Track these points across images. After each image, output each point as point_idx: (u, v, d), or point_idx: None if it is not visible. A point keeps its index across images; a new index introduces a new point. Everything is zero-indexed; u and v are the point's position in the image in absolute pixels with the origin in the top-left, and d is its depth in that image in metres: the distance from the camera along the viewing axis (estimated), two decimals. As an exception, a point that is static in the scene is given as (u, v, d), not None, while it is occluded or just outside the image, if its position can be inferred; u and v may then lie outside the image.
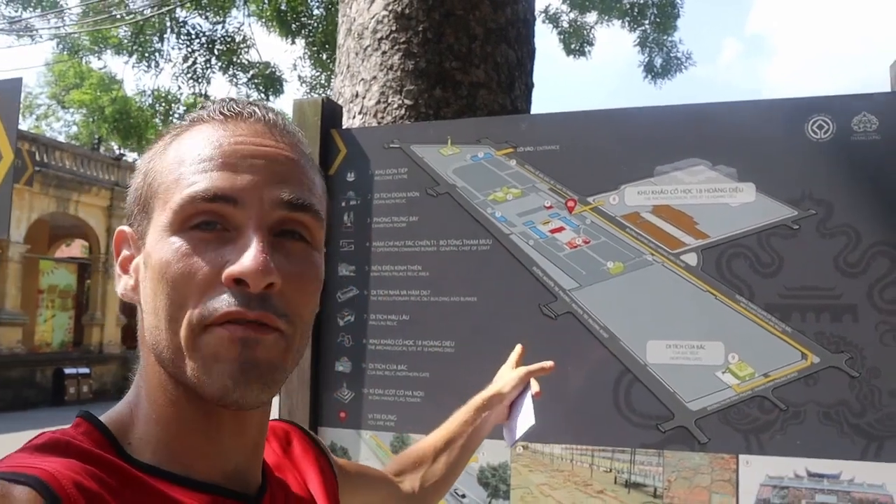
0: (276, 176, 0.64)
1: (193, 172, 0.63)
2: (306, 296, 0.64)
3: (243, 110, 0.67)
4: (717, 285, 1.26)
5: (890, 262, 1.20)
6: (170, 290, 0.61)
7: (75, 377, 17.27)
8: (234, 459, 0.67)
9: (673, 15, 10.11)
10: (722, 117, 1.31)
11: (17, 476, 0.53)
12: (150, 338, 0.64)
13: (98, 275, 19.25)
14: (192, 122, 0.68)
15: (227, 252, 0.61)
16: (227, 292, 0.60)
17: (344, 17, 2.48)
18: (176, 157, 0.65)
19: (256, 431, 0.69)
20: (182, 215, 0.62)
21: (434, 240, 1.43)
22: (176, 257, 0.61)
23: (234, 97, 0.71)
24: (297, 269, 0.63)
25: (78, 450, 0.59)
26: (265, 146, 0.65)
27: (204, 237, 0.61)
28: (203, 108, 0.68)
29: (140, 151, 16.83)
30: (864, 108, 1.25)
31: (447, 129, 1.49)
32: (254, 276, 0.59)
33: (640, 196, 1.33)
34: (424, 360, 1.41)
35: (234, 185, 0.62)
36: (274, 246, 0.62)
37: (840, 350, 1.20)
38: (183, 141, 0.66)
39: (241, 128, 0.66)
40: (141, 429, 0.65)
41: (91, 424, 0.64)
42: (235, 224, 0.62)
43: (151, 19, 9.97)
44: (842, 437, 1.18)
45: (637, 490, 1.26)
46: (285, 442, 0.84)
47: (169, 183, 0.64)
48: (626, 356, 1.28)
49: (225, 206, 0.61)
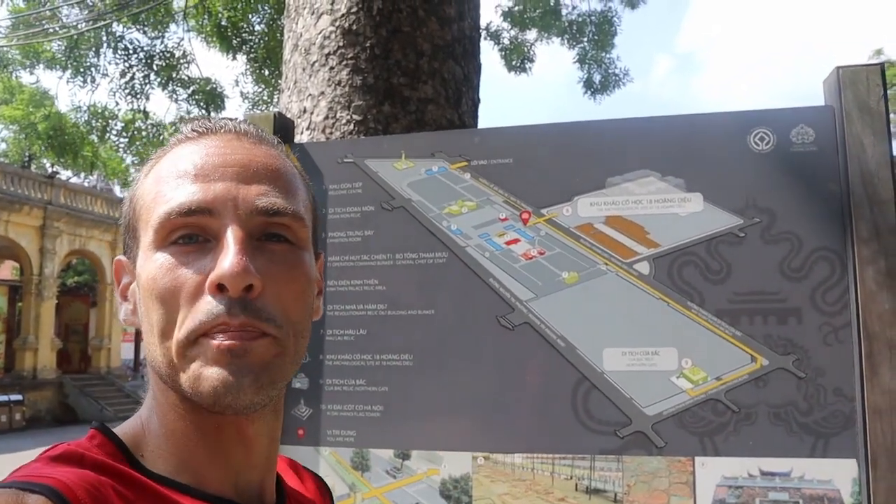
0: (250, 180, 0.65)
1: (169, 189, 0.64)
2: (293, 295, 0.64)
3: (214, 125, 0.69)
4: (669, 293, 1.30)
5: (830, 267, 1.26)
6: (159, 305, 0.62)
7: (7, 404, 16.60)
8: (246, 472, 0.67)
9: (610, 33, 10.37)
10: (670, 130, 1.35)
11: (31, 485, 0.53)
12: (149, 355, 0.65)
13: (31, 297, 18.57)
14: (170, 146, 0.69)
15: (208, 262, 0.61)
16: (210, 300, 0.60)
17: (290, 33, 2.47)
18: (155, 178, 0.67)
19: (266, 444, 0.69)
20: (162, 232, 0.63)
21: (390, 254, 1.43)
22: (161, 272, 0.62)
23: (206, 117, 0.72)
24: (282, 269, 0.64)
25: (92, 461, 0.60)
26: (236, 153, 0.66)
27: (186, 250, 0.62)
28: (179, 131, 0.70)
29: (75, 169, 16.32)
30: (801, 121, 1.31)
31: (401, 143, 1.50)
32: (231, 278, 0.59)
33: (593, 207, 1.36)
34: (383, 375, 1.40)
35: (208, 195, 0.63)
36: (257, 249, 0.63)
37: (787, 352, 1.25)
38: (161, 163, 0.68)
39: (212, 140, 0.67)
40: (152, 441, 0.65)
41: (105, 437, 0.64)
42: (214, 233, 0.62)
43: (86, 34, 9.72)
44: (791, 436, 1.23)
45: (597, 496, 1.28)
46: (300, 477, 0.84)
47: (149, 203, 0.65)
48: (584, 364, 1.31)
49: (201, 217, 0.62)
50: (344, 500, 1.39)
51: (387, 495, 1.37)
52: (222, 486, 0.65)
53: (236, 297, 0.59)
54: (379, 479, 1.38)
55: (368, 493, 1.38)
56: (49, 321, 19.05)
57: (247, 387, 0.60)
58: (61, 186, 19.88)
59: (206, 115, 9.89)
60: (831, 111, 1.29)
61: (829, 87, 1.32)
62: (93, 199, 21.44)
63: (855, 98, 1.27)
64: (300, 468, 0.86)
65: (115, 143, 11.11)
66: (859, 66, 1.29)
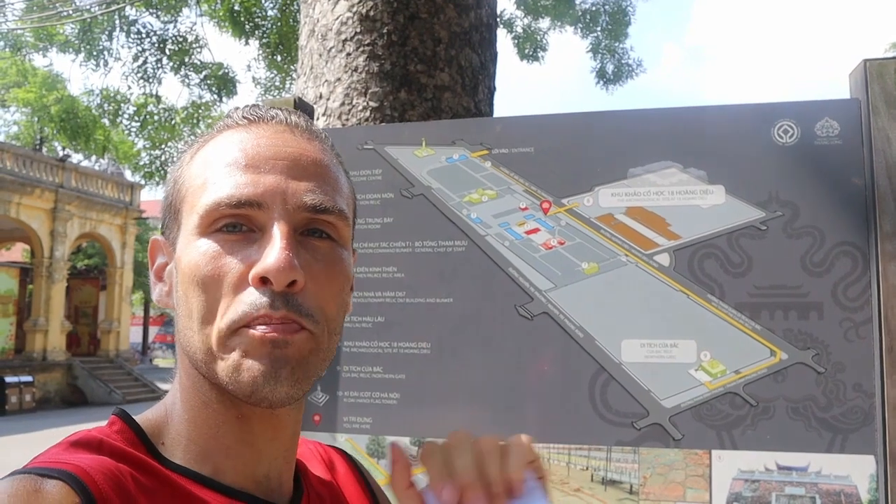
0: (299, 175, 0.65)
1: (219, 176, 0.64)
2: (332, 293, 0.65)
3: (265, 114, 0.69)
4: (689, 285, 1.29)
5: (852, 262, 1.25)
6: (200, 292, 0.62)
7: (17, 385, 16.74)
8: (266, 464, 0.68)
9: (624, 22, 10.29)
10: (692, 121, 1.34)
11: (50, 471, 0.54)
12: (183, 339, 0.64)
13: (41, 279, 18.69)
14: (218, 130, 0.69)
15: (253, 252, 0.62)
16: (253, 292, 0.60)
17: (307, 18, 2.46)
18: (202, 162, 0.67)
19: (289, 436, 0.70)
20: (208, 219, 0.63)
21: (409, 241, 1.43)
22: (204, 260, 0.62)
23: (256, 103, 0.72)
24: (323, 266, 0.64)
25: (111, 448, 0.60)
26: (288, 146, 0.66)
27: (230, 238, 0.63)
28: (228, 115, 0.70)
29: (87, 152, 16.38)
30: (826, 114, 1.29)
31: (421, 130, 1.50)
32: (276, 273, 0.59)
33: (614, 198, 1.35)
34: (400, 362, 1.41)
35: (258, 188, 0.63)
36: (300, 244, 0.63)
37: (807, 347, 1.24)
38: (209, 147, 0.68)
39: (263, 130, 0.67)
40: (174, 429, 0.66)
41: (125, 423, 0.64)
42: (260, 225, 0.63)
43: (99, 17, 9.72)
44: (809, 431, 1.22)
45: (613, 487, 1.28)
46: (329, 463, 0.84)
47: (196, 188, 0.65)
48: (602, 355, 1.30)
49: (250, 209, 0.62)
50: (359, 486, 1.40)
51: (402, 482, 1.38)
52: (241, 478, 0.65)
53: (279, 291, 0.60)
54: (394, 466, 1.38)
55: (384, 481, 1.39)
56: (59, 304, 19.17)
57: (284, 379, 0.60)
58: (72, 170, 19.95)
59: (219, 99, 9.90)
60: (857, 104, 1.28)
61: (856, 79, 1.31)
62: (104, 183, 21.52)
63: (882, 91, 1.25)
64: (328, 449, 0.86)
65: (126, 127, 11.12)
66: (887, 59, 1.27)
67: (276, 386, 0.60)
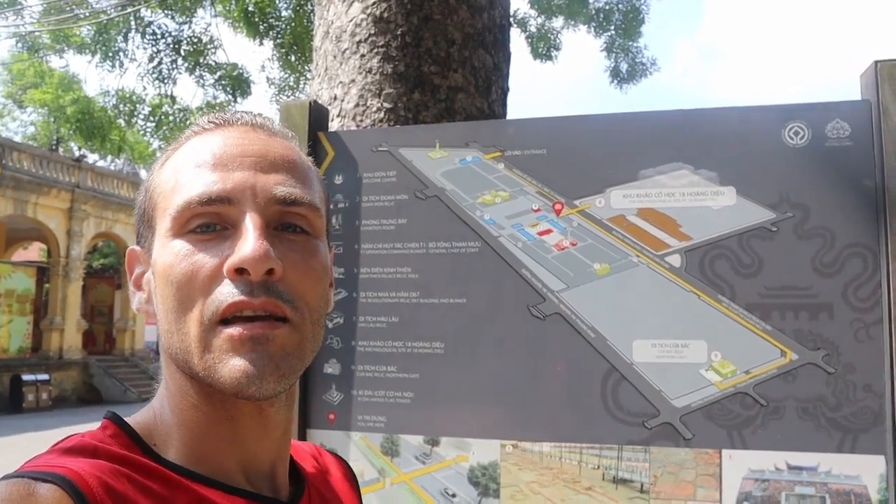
0: (268, 169, 0.66)
1: (188, 178, 0.65)
2: (310, 281, 0.65)
3: (231, 117, 0.70)
4: (700, 286, 1.30)
5: (863, 263, 1.25)
6: (176, 291, 0.62)
7: (34, 384, 16.90)
8: (258, 461, 0.68)
9: (637, 21, 10.26)
10: (703, 123, 1.35)
11: (43, 475, 0.54)
12: (166, 342, 0.65)
13: (58, 278, 18.86)
14: (186, 137, 0.71)
15: (226, 248, 0.62)
16: (229, 284, 0.61)
17: (321, 20, 2.49)
18: (172, 168, 0.68)
19: (280, 435, 0.70)
20: (181, 220, 0.64)
21: (423, 242, 1.45)
22: (178, 259, 0.62)
23: (222, 110, 0.74)
24: (301, 256, 0.65)
25: (107, 452, 0.60)
26: (254, 144, 0.67)
27: (203, 238, 0.63)
28: (196, 123, 0.71)
29: (102, 152, 16.50)
30: (837, 116, 1.30)
31: (435, 132, 1.52)
32: (252, 262, 0.60)
33: (626, 199, 1.36)
34: (414, 362, 1.43)
35: (227, 184, 0.64)
36: (275, 238, 0.64)
37: (817, 347, 1.25)
38: (178, 154, 0.69)
39: (230, 132, 0.69)
40: (165, 431, 0.66)
41: (118, 427, 0.64)
42: (233, 221, 0.63)
43: (115, 19, 9.80)
44: (819, 431, 1.23)
45: (624, 486, 1.29)
46: (322, 464, 0.84)
47: (167, 192, 0.66)
48: (613, 355, 1.32)
49: (220, 206, 0.63)
50: (373, 485, 1.42)
51: (416, 480, 1.40)
52: (233, 475, 0.66)
53: (258, 280, 0.60)
54: (408, 465, 1.41)
55: (397, 479, 1.41)
56: (75, 303, 19.34)
57: (268, 376, 0.60)
58: (88, 170, 20.12)
59: (233, 100, 9.96)
60: (868, 105, 1.29)
61: (867, 81, 1.32)
62: (119, 183, 21.69)
63: (893, 93, 1.26)
64: (323, 453, 0.86)
65: (142, 128, 11.21)
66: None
67: (261, 383, 0.60)
